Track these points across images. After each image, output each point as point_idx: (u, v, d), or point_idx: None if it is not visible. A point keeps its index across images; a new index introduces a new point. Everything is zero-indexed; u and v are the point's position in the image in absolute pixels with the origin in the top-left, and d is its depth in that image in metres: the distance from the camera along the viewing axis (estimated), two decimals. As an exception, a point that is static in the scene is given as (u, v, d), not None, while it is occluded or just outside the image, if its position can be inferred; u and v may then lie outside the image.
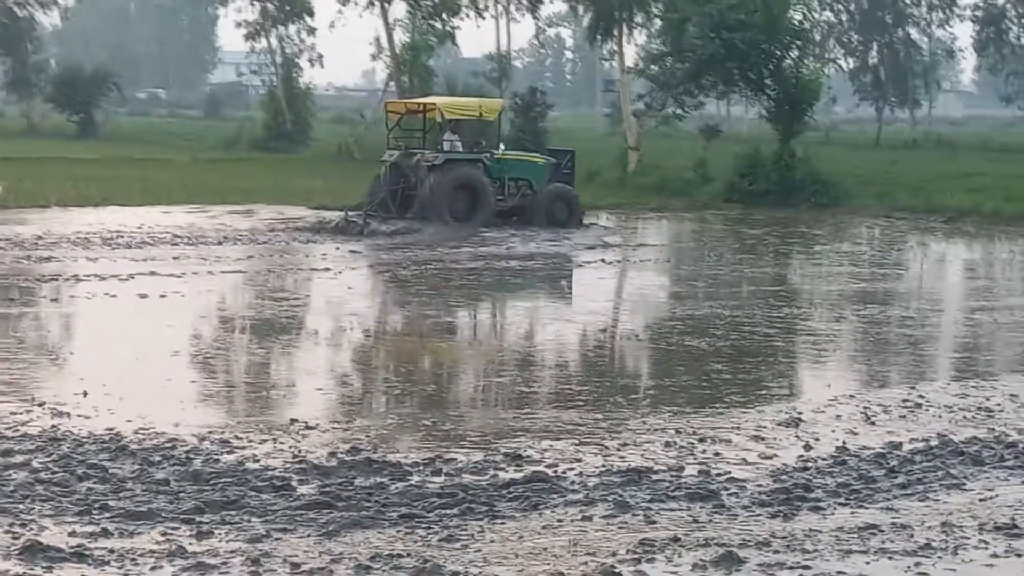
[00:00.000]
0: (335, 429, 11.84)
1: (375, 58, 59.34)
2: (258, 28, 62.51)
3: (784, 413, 12.62)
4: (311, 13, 62.61)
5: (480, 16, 58.06)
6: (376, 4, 56.40)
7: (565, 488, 9.84)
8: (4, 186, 32.33)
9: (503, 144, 31.55)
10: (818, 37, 65.74)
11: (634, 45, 54.76)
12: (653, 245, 29.48)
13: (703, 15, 40.70)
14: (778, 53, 41.20)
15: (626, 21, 48.94)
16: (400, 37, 57.23)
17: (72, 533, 8.51)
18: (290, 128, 59.36)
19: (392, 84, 57.25)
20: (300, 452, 10.74)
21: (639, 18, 50.18)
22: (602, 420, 12.35)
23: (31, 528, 8.58)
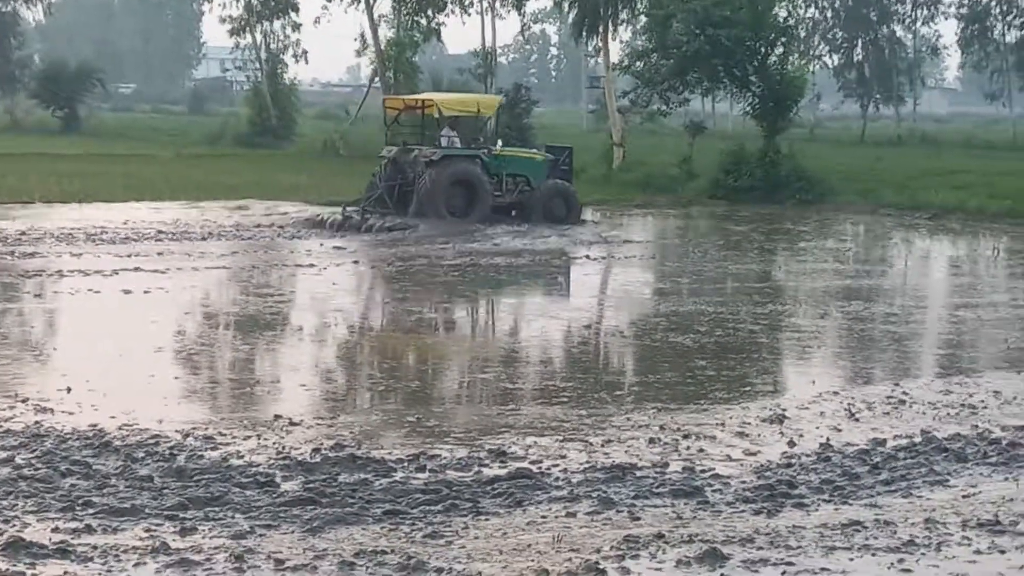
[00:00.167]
0: (319, 425, 11.82)
1: (360, 54, 59.31)
2: (243, 23, 62.35)
3: (768, 410, 12.62)
4: (296, 9, 62.50)
5: (465, 12, 58.11)
6: (361, 0, 56.43)
7: (549, 485, 9.84)
8: None
9: (501, 140, 31.55)
10: (803, 34, 66.03)
11: (619, 42, 54.74)
12: (638, 242, 29.45)
13: (688, 11, 40.69)
14: (763, 50, 41.20)
15: (611, 17, 48.89)
16: (385, 33, 57.28)
17: (55, 529, 8.49)
18: (275, 124, 59.20)
19: (377, 80, 57.19)
20: (284, 448, 10.73)
21: (624, 14, 50.12)
22: (586, 416, 12.34)
23: (14, 524, 8.56)
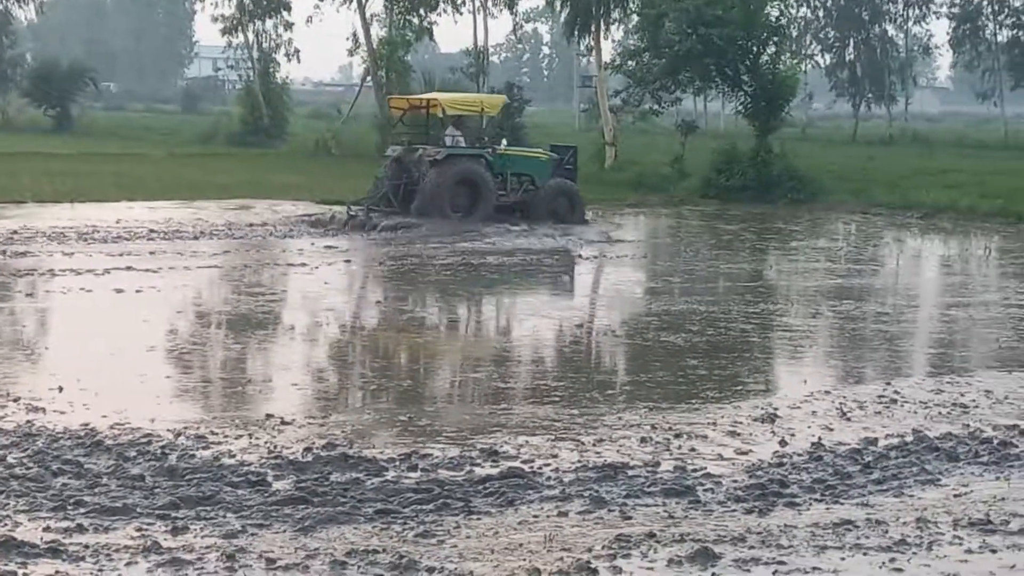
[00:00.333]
0: (311, 424, 11.81)
1: (352, 53, 59.40)
2: (235, 23, 62.37)
3: (760, 409, 12.62)
4: (288, 8, 62.51)
5: (457, 11, 58.20)
6: (353, -1, 56.41)
7: (541, 484, 9.85)
8: None
9: (505, 139, 31.53)
10: (795, 33, 66.00)
11: (611, 41, 54.89)
12: (630, 241, 29.47)
13: (680, 11, 40.70)
14: (755, 49, 41.22)
15: (603, 17, 48.97)
16: (377, 32, 57.29)
17: (47, 529, 8.49)
18: (267, 123, 59.16)
19: (369, 80, 57.18)
20: (276, 447, 10.72)
21: (616, 14, 50.16)
22: (578, 416, 12.35)
23: (5, 524, 8.56)
